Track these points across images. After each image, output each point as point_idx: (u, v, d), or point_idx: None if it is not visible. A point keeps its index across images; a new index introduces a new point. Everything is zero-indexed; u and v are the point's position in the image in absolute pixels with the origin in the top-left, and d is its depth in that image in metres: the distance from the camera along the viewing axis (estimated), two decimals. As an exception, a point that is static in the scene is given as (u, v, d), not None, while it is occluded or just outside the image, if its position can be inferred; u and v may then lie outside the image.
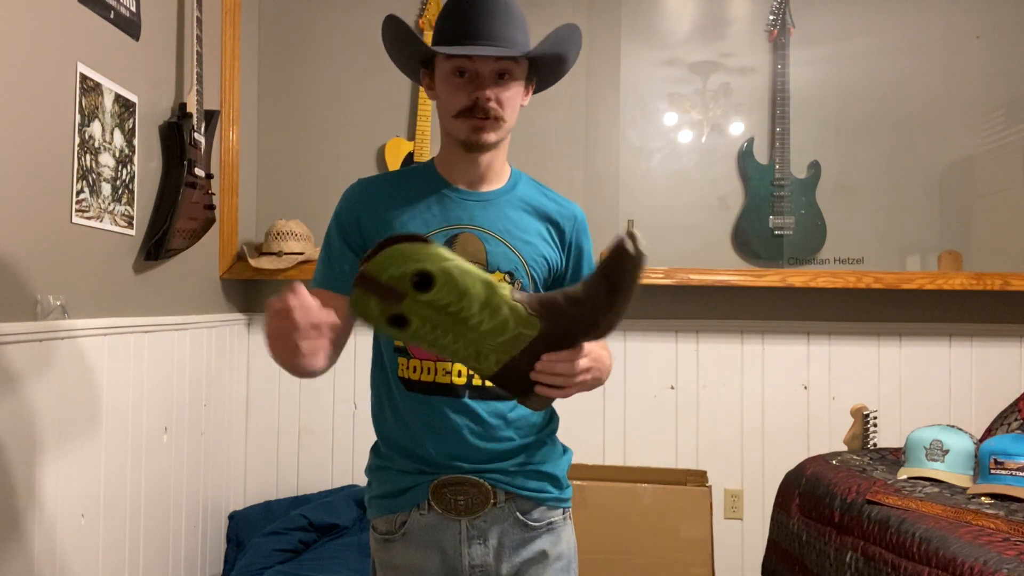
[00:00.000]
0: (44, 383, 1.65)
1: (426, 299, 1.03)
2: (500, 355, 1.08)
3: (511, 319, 1.05)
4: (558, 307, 1.07)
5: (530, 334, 1.06)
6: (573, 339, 1.08)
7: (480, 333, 1.06)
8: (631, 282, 1.03)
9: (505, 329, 1.06)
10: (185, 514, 2.36)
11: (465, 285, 1.03)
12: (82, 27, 1.81)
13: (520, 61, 1.23)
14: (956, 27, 2.89)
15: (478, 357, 1.08)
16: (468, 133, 1.22)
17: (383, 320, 1.04)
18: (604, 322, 1.06)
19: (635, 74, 2.95)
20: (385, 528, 1.28)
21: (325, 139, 2.95)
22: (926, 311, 2.82)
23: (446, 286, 1.03)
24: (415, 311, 1.04)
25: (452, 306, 1.03)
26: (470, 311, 1.04)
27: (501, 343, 1.07)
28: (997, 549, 1.51)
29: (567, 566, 1.30)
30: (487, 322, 1.05)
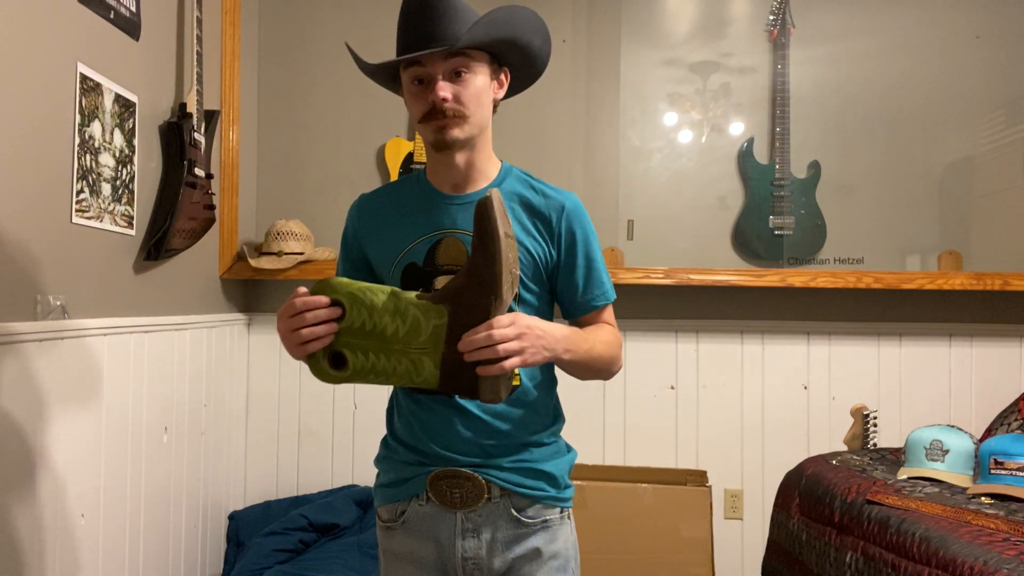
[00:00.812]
0: (44, 383, 1.65)
1: (345, 326, 1.10)
2: (431, 356, 1.11)
3: (421, 316, 1.10)
4: (453, 286, 1.11)
5: (443, 322, 1.10)
6: (480, 309, 1.10)
7: (402, 341, 1.10)
8: (487, 226, 1.08)
9: (420, 328, 1.10)
10: (185, 514, 2.36)
11: (370, 300, 1.10)
12: (82, 27, 1.81)
13: (473, 54, 1.22)
14: (956, 27, 2.89)
15: (416, 368, 1.12)
16: (434, 134, 1.24)
17: (327, 364, 1.12)
18: (497, 275, 1.09)
19: (635, 74, 2.95)
20: (388, 516, 1.32)
21: (325, 139, 2.95)
22: (926, 311, 2.83)
23: (354, 306, 1.10)
24: (343, 343, 1.11)
25: (367, 324, 1.10)
26: (383, 322, 1.10)
27: (424, 342, 1.11)
28: (997, 549, 1.51)
29: (563, 565, 1.30)
30: (402, 327, 1.10)
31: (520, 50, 1.27)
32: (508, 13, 1.22)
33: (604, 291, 1.32)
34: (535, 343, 1.13)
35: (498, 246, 1.08)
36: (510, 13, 1.23)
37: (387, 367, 1.12)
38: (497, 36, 1.23)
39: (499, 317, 1.09)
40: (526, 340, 1.11)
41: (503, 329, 1.09)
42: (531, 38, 1.27)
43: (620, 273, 2.71)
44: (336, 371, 1.12)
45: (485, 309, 1.10)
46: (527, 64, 1.30)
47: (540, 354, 1.14)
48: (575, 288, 1.30)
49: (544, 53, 1.31)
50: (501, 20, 1.21)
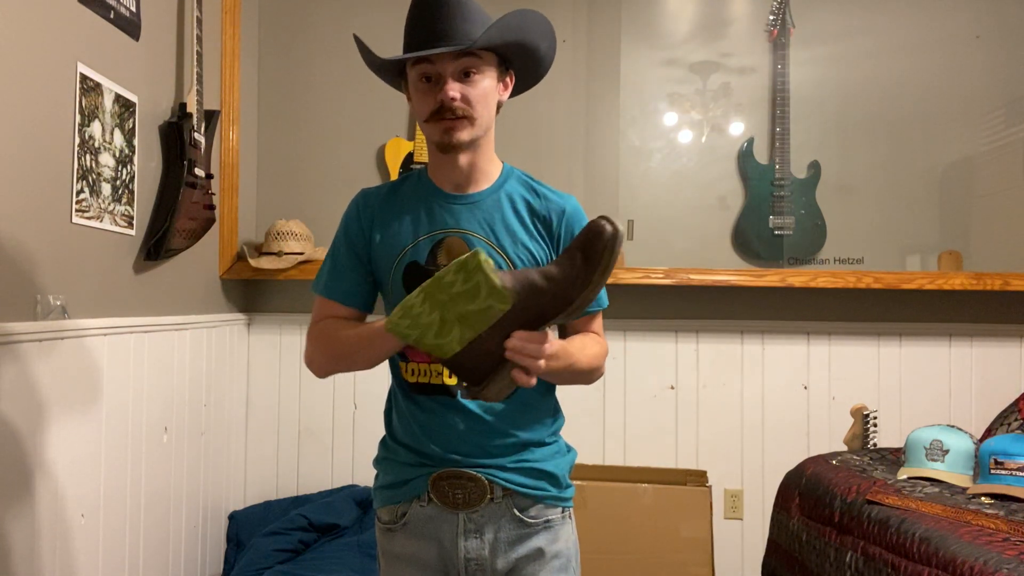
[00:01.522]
0: (44, 383, 1.65)
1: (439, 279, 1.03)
2: (466, 330, 1.05)
3: (484, 287, 1.03)
4: (533, 283, 1.05)
5: (501, 308, 1.04)
6: (545, 317, 1.07)
7: (450, 295, 1.03)
8: (608, 259, 1.03)
9: (476, 296, 1.03)
10: (185, 514, 2.36)
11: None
12: (82, 27, 1.81)
13: (483, 55, 1.22)
14: (956, 27, 2.89)
15: (441, 329, 1.05)
16: (440, 135, 1.23)
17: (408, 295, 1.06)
18: (579, 299, 1.05)
19: (635, 74, 2.95)
20: (388, 518, 1.32)
21: (325, 139, 2.95)
22: (926, 311, 2.82)
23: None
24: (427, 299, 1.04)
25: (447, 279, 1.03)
26: (447, 272, 1.03)
27: (469, 312, 1.04)
28: (997, 549, 1.51)
29: (565, 565, 1.30)
30: (459, 284, 1.02)
31: (529, 54, 1.27)
32: (521, 17, 1.22)
33: (598, 298, 1.32)
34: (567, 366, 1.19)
35: (602, 279, 1.05)
36: (523, 17, 1.23)
37: (417, 307, 1.05)
38: (511, 39, 1.23)
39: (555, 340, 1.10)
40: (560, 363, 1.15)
41: (553, 351, 1.10)
42: (540, 42, 1.27)
43: (620, 273, 2.71)
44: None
45: (545, 320, 1.07)
46: (533, 67, 1.31)
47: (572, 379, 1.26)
48: None
49: (550, 56, 1.31)
50: (515, 24, 1.21)
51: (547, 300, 1.05)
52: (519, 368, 1.07)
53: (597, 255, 1.03)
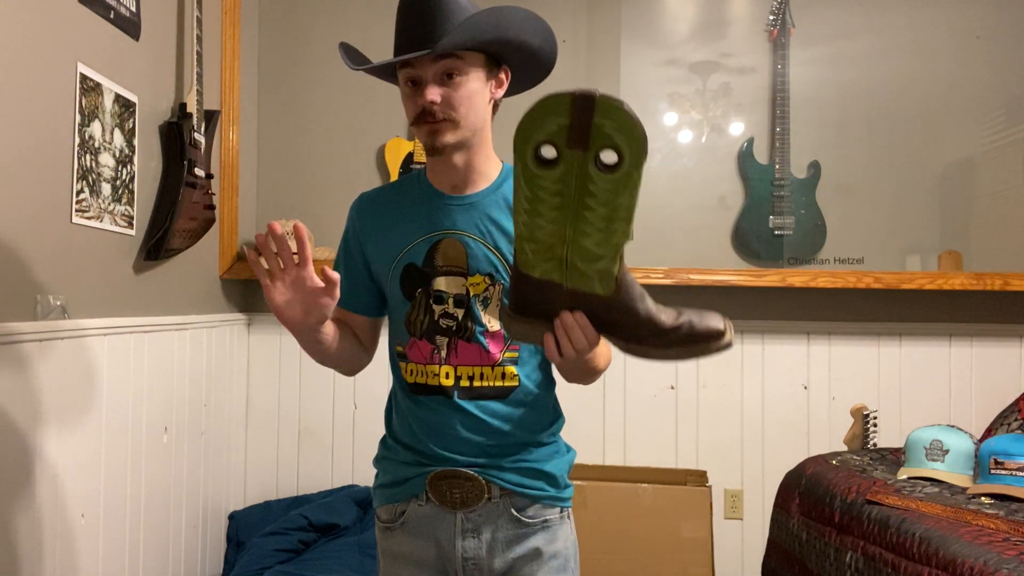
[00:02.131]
0: (44, 383, 1.65)
1: (590, 173, 0.92)
2: (557, 271, 0.99)
3: (602, 263, 0.97)
4: (634, 301, 1.01)
5: (596, 288, 0.99)
6: (611, 330, 1.04)
7: (572, 240, 0.96)
8: (696, 356, 1.02)
9: (597, 260, 0.97)
10: (185, 514, 2.36)
11: (621, 201, 0.93)
12: (82, 27, 1.81)
13: (465, 55, 1.20)
14: (956, 27, 2.89)
15: (540, 252, 0.97)
16: (425, 139, 1.23)
17: (537, 138, 0.92)
18: (641, 349, 1.03)
19: (635, 74, 2.95)
20: (387, 517, 1.32)
21: (325, 139, 2.95)
22: (926, 311, 2.82)
23: (616, 184, 0.92)
24: (574, 167, 0.92)
25: (593, 199, 0.93)
26: (594, 217, 0.94)
27: (572, 266, 0.98)
28: (997, 549, 1.51)
29: (563, 565, 1.30)
30: (589, 239, 0.95)
31: (515, 49, 1.24)
32: (496, 15, 1.19)
33: None
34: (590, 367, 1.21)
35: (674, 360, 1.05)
36: (499, 14, 1.19)
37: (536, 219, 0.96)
38: (482, 38, 1.20)
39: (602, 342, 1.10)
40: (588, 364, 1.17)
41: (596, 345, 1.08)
42: (525, 37, 1.23)
43: (620, 273, 2.71)
44: (534, 160, 0.93)
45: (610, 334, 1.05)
46: (528, 62, 1.28)
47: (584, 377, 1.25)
48: None
49: (547, 50, 1.28)
50: (486, 22, 1.18)
51: (626, 323, 1.02)
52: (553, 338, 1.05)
53: (695, 347, 1.02)
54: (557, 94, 0.90)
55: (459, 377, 1.25)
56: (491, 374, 1.25)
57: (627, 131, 0.90)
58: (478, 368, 1.25)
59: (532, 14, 1.24)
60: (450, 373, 1.25)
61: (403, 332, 1.28)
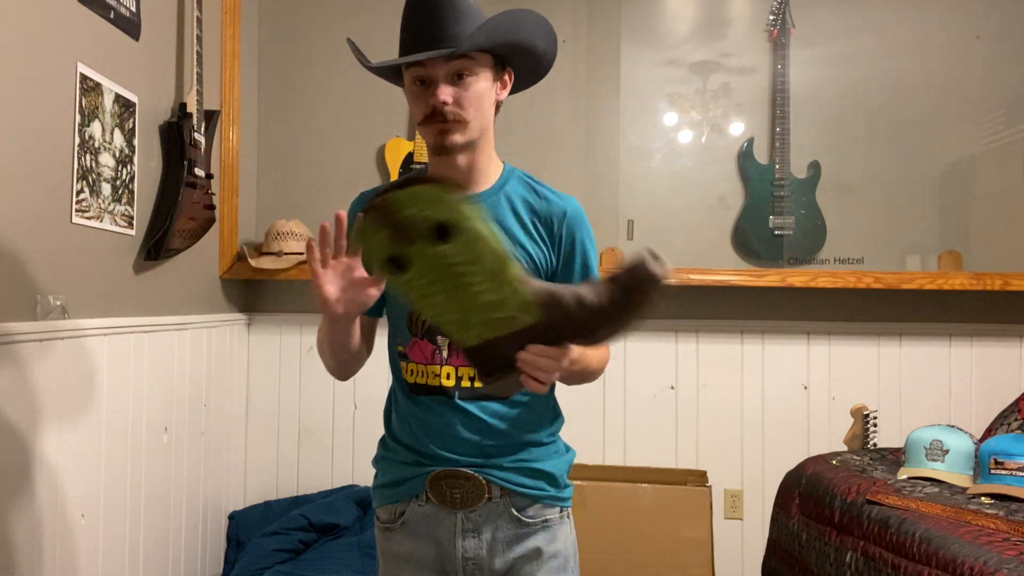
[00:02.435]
0: (44, 383, 1.65)
1: (437, 252, 0.97)
2: (485, 331, 1.04)
3: (512, 300, 1.01)
4: (563, 304, 1.02)
5: (526, 320, 1.02)
6: (565, 339, 1.05)
7: (476, 303, 1.01)
8: (647, 304, 1.00)
9: (502, 307, 1.01)
10: (185, 514, 2.36)
11: (480, 251, 0.98)
12: (82, 27, 1.81)
13: (476, 56, 1.20)
14: (956, 27, 2.89)
15: (462, 326, 1.04)
16: (434, 138, 1.23)
17: (383, 258, 1.00)
18: (602, 333, 1.03)
19: (635, 74, 2.95)
20: (386, 517, 1.32)
21: (325, 139, 2.95)
22: (926, 311, 2.82)
23: (464, 245, 0.97)
24: (420, 259, 0.98)
25: (460, 267, 0.98)
26: (475, 278, 0.99)
27: (493, 320, 1.02)
28: (997, 549, 1.51)
29: (563, 565, 1.30)
30: (487, 294, 1.00)
31: (526, 52, 1.26)
32: (512, 17, 1.20)
33: None
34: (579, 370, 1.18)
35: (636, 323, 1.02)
36: (514, 17, 1.21)
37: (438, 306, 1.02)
38: (500, 41, 1.21)
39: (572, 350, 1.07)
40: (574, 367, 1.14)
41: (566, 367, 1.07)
42: (536, 41, 1.25)
43: (620, 273, 2.71)
44: (390, 270, 1.00)
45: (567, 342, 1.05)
46: (532, 65, 1.30)
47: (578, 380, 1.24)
48: None
49: (550, 54, 1.29)
50: (504, 25, 1.19)
51: (572, 326, 1.02)
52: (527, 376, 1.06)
53: (639, 300, 1.00)
54: (359, 223, 0.99)
55: (460, 377, 1.25)
56: None
57: (430, 202, 0.96)
58: None
59: (542, 18, 1.25)
60: (451, 373, 1.25)
61: (404, 332, 1.28)
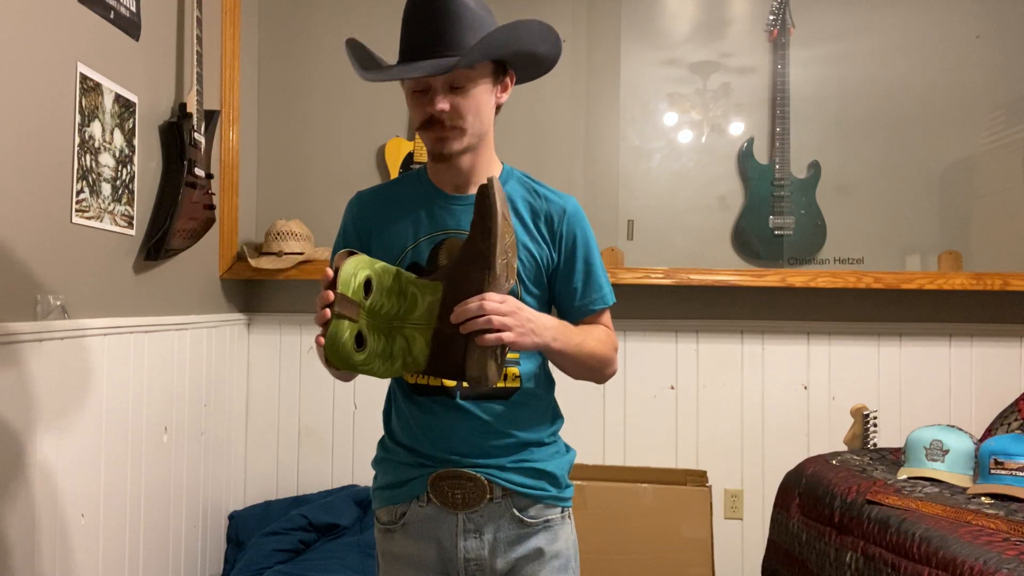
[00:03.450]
0: (44, 383, 1.65)
1: (369, 304, 1.09)
2: (423, 332, 1.12)
3: (419, 293, 1.13)
4: (448, 264, 1.16)
5: (437, 298, 1.13)
6: (473, 282, 1.11)
7: (400, 318, 1.12)
8: (489, 204, 1.10)
9: (417, 303, 1.12)
10: (185, 514, 2.36)
11: (383, 281, 1.11)
12: (82, 27, 1.81)
13: (475, 65, 1.20)
14: (956, 27, 2.89)
15: (410, 345, 1.12)
16: (432, 145, 1.23)
17: (352, 342, 1.08)
18: (484, 248, 1.11)
19: (635, 74, 2.95)
20: (387, 519, 1.32)
21: (325, 139, 2.95)
22: (926, 311, 2.82)
23: (377, 287, 1.10)
24: (366, 324, 1.09)
25: (381, 304, 1.10)
26: (390, 302, 1.11)
27: (419, 317, 1.12)
28: (997, 549, 1.51)
29: (564, 565, 1.30)
30: (403, 304, 1.12)
31: (526, 59, 1.26)
32: (510, 31, 1.19)
33: (602, 295, 1.32)
34: (524, 325, 1.13)
35: (495, 222, 1.10)
36: (513, 31, 1.19)
37: (386, 348, 1.11)
38: (497, 55, 1.21)
39: (491, 293, 1.11)
40: (516, 320, 1.12)
41: (495, 303, 1.10)
42: (536, 48, 1.24)
43: (620, 273, 2.71)
44: (356, 352, 1.09)
45: (479, 283, 1.11)
46: (534, 67, 1.30)
47: (528, 337, 1.14)
48: (574, 292, 1.30)
49: (552, 55, 1.28)
50: (502, 40, 1.19)
51: (468, 265, 1.12)
52: (479, 335, 1.09)
53: (481, 205, 1.11)
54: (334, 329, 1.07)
55: None
56: None
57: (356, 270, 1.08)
58: None
59: (542, 24, 1.24)
60: None
61: None
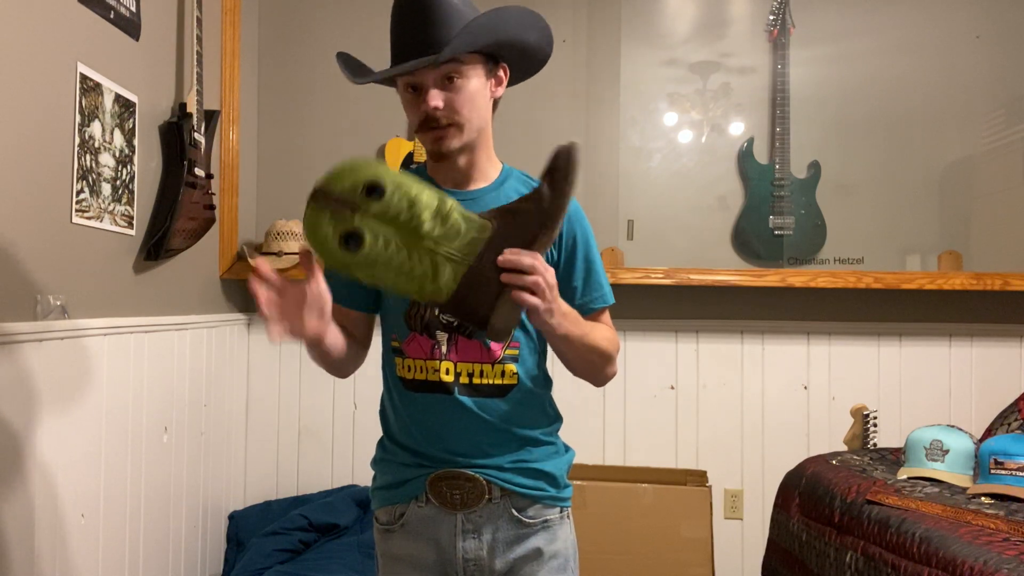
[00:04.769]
0: (44, 383, 1.65)
1: (378, 209, 1.02)
2: (457, 266, 1.05)
3: (463, 223, 1.05)
4: (507, 208, 1.09)
5: (484, 236, 1.06)
6: (527, 233, 1.07)
7: (434, 240, 1.04)
8: (569, 168, 1.06)
9: (458, 234, 1.05)
10: (185, 514, 2.36)
11: (415, 192, 1.03)
12: (82, 27, 1.81)
13: (464, 58, 1.20)
14: (956, 27, 2.89)
15: (434, 273, 1.05)
16: (430, 145, 1.23)
17: (337, 240, 1.02)
18: (553, 207, 1.07)
19: (635, 74, 2.95)
20: (386, 519, 1.31)
21: (325, 139, 2.95)
22: (926, 311, 2.82)
23: (396, 192, 1.02)
24: (368, 225, 1.02)
25: (404, 214, 1.03)
26: (422, 218, 1.03)
27: (456, 248, 1.05)
28: (997, 549, 1.51)
29: (563, 565, 1.30)
30: (439, 228, 1.04)
31: (514, 48, 1.25)
32: (494, 17, 1.19)
33: (602, 294, 1.32)
34: (555, 301, 1.11)
35: (571, 184, 1.06)
36: (496, 16, 1.20)
37: (405, 263, 1.04)
38: (483, 43, 1.21)
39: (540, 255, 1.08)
40: (553, 293, 1.10)
41: (544, 267, 1.07)
42: (523, 35, 1.24)
43: (620, 273, 2.71)
44: (345, 251, 1.02)
45: (533, 239, 1.07)
46: (527, 58, 1.29)
47: (553, 316, 1.12)
48: (574, 290, 1.30)
49: (543, 45, 1.29)
50: (486, 26, 1.18)
51: (529, 217, 1.07)
52: (519, 290, 1.06)
53: (563, 167, 1.07)
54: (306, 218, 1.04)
55: (459, 373, 1.25)
56: (491, 372, 1.25)
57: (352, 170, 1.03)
58: (478, 365, 1.24)
59: (527, 11, 1.24)
60: (450, 369, 1.24)
61: (401, 327, 1.27)
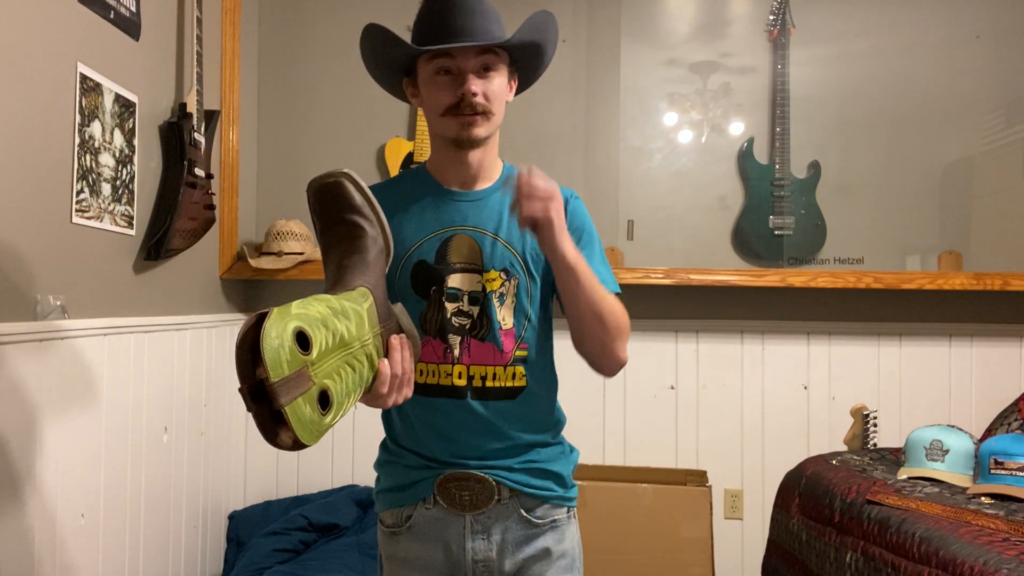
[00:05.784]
0: (44, 383, 1.65)
1: (315, 357, 0.91)
2: (377, 339, 1.05)
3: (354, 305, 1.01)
4: (350, 270, 1.09)
5: (371, 301, 1.06)
6: (378, 270, 1.12)
7: (358, 338, 0.99)
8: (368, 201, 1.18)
9: (362, 317, 1.02)
10: (185, 514, 2.36)
11: (315, 313, 0.94)
12: (82, 27, 1.81)
13: (501, 53, 1.24)
14: (956, 27, 2.89)
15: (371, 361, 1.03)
16: (458, 130, 1.23)
17: (318, 412, 0.90)
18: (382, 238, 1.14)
19: (635, 74, 2.95)
20: (392, 521, 1.31)
21: (325, 139, 2.95)
22: (926, 311, 2.82)
23: (312, 327, 0.92)
24: (320, 374, 0.91)
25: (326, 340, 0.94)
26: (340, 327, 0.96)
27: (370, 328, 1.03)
28: (997, 549, 1.51)
29: (571, 564, 1.30)
30: (351, 323, 0.99)
31: (538, 55, 1.30)
32: (546, 19, 1.27)
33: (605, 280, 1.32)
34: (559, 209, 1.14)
35: (375, 210, 1.14)
36: (547, 19, 1.27)
37: (354, 377, 0.98)
38: (535, 40, 1.26)
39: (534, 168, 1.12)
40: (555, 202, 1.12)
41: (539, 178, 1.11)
42: (548, 45, 1.31)
43: (620, 273, 2.70)
44: (324, 414, 0.91)
45: (381, 271, 1.12)
46: (536, 68, 1.33)
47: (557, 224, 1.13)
48: None
49: (551, 57, 1.34)
50: (540, 25, 1.26)
51: (380, 257, 1.13)
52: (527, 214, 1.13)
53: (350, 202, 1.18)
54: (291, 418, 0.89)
55: (472, 377, 1.24)
56: (503, 374, 1.25)
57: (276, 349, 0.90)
58: (490, 368, 1.24)
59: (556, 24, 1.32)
60: (463, 373, 1.24)
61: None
